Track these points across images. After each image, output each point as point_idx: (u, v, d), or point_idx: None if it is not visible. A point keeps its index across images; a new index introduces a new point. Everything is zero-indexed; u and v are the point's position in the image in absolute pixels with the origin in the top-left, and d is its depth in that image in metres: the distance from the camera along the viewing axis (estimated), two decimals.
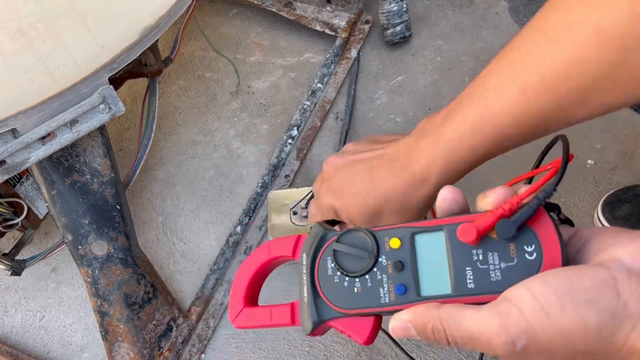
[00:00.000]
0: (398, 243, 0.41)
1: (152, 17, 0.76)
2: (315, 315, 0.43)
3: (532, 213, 0.37)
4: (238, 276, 0.48)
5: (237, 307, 0.47)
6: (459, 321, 0.36)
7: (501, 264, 0.37)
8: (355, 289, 0.41)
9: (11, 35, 0.73)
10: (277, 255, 0.47)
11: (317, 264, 0.43)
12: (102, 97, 0.74)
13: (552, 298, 0.33)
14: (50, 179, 0.87)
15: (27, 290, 1.05)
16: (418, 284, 0.40)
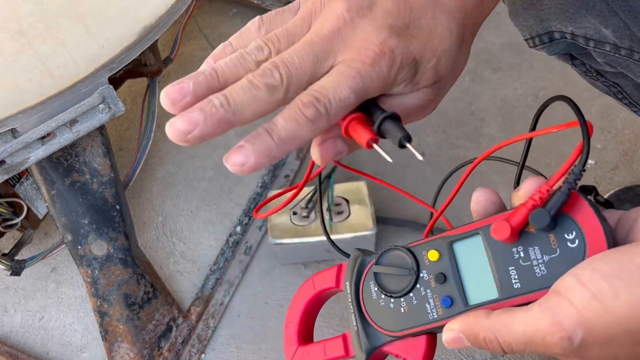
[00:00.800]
0: (436, 255, 0.40)
1: (152, 17, 0.76)
2: (367, 342, 0.42)
3: (565, 198, 0.35)
4: (289, 315, 0.47)
5: (291, 348, 0.46)
6: (511, 326, 0.34)
7: (544, 257, 0.36)
8: (402, 309, 0.40)
9: (11, 35, 0.73)
10: (322, 289, 0.46)
11: (361, 290, 0.42)
12: (102, 97, 0.74)
13: (602, 284, 0.31)
14: (49, 179, 0.86)
15: (27, 290, 1.05)
16: (464, 293, 0.38)
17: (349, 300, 0.43)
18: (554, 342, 0.32)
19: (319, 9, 0.38)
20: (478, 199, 0.39)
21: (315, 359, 0.45)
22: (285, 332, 0.47)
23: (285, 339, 0.46)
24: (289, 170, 1.08)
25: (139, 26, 0.75)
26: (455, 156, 1.09)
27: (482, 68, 1.20)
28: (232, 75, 0.36)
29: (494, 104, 1.16)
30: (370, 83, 0.36)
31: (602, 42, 0.50)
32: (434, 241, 0.40)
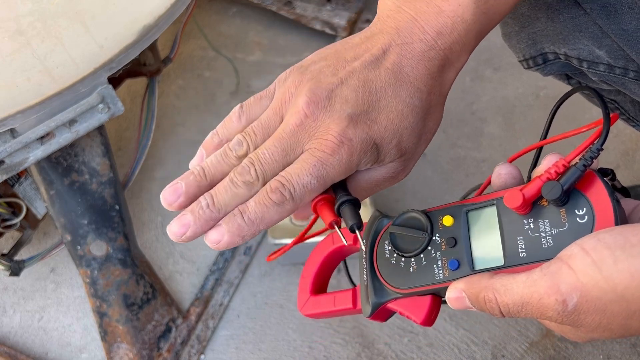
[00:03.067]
0: (451, 220, 0.41)
1: (151, 16, 0.75)
2: (374, 297, 0.43)
3: (579, 175, 0.36)
4: (305, 268, 0.49)
5: (304, 297, 0.48)
6: (510, 287, 0.35)
7: (552, 230, 0.37)
8: (411, 268, 0.42)
9: (9, 34, 0.72)
10: (341, 245, 0.47)
11: (376, 248, 0.44)
12: (101, 96, 0.74)
13: (604, 252, 0.32)
14: (49, 179, 0.86)
15: (26, 291, 1.04)
16: (471, 258, 0.40)
17: (364, 256, 0.44)
18: (549, 304, 0.33)
19: (288, 101, 0.41)
20: (499, 172, 0.41)
21: (324, 308, 0.46)
22: (301, 282, 0.48)
23: (299, 288, 0.48)
24: None
25: (138, 26, 0.75)
26: (456, 156, 1.09)
27: (483, 67, 1.20)
28: (217, 172, 0.41)
29: (495, 104, 1.15)
30: (331, 169, 0.39)
31: (596, 63, 0.50)
32: (451, 208, 0.42)
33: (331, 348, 0.92)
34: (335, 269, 0.50)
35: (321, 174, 0.39)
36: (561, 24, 0.50)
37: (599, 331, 0.34)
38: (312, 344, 0.93)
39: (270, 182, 0.39)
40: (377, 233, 0.45)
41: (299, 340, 0.94)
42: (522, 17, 0.53)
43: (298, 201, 0.39)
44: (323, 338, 0.94)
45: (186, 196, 0.41)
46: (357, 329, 0.93)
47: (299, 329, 0.95)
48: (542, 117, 1.14)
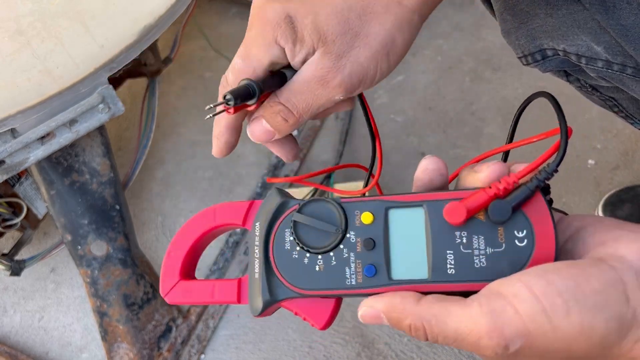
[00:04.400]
0: (370, 218, 0.36)
1: (152, 17, 0.76)
2: (268, 294, 0.37)
3: (529, 195, 0.33)
4: (175, 243, 0.41)
5: (171, 280, 0.41)
6: (443, 319, 0.32)
7: (487, 249, 0.34)
8: (317, 267, 0.37)
9: (9, 34, 0.72)
10: (224, 223, 0.41)
11: (273, 236, 0.38)
12: (102, 96, 0.74)
13: (557, 300, 0.30)
14: (49, 179, 0.86)
15: (26, 291, 1.05)
16: (390, 266, 0.35)
17: (255, 243, 0.38)
18: (488, 345, 0.31)
19: None
20: (427, 167, 0.37)
21: (199, 298, 0.40)
22: (167, 261, 0.41)
23: (165, 269, 0.41)
24: (289, 170, 1.08)
25: (138, 26, 0.75)
26: (455, 156, 1.09)
27: (482, 68, 1.20)
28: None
29: (495, 104, 1.15)
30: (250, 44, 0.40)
31: (594, 59, 0.50)
32: (371, 202, 0.37)
33: (331, 348, 0.92)
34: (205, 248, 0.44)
35: (242, 52, 0.40)
36: (560, 20, 0.50)
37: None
38: (312, 344, 0.93)
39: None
40: (277, 218, 0.38)
41: (299, 340, 0.94)
42: (521, 13, 0.53)
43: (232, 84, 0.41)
44: (323, 338, 0.94)
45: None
46: (357, 329, 0.93)
47: (299, 329, 0.95)
48: (542, 117, 1.14)
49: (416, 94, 1.16)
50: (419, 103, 1.15)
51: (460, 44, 1.22)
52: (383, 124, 1.12)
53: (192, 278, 0.42)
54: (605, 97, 0.57)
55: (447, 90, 1.17)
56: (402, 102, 1.15)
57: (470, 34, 1.23)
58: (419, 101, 1.15)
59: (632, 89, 0.50)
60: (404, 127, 1.12)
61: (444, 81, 1.18)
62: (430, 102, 1.15)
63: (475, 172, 0.35)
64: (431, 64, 1.20)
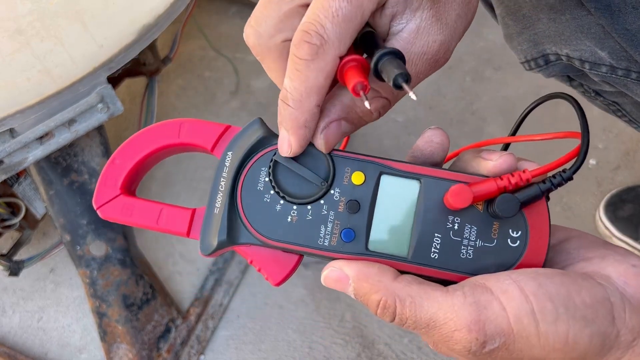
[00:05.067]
0: (361, 179, 0.33)
1: (151, 16, 0.75)
2: (225, 234, 0.33)
3: (538, 197, 0.31)
4: (123, 151, 0.36)
5: (109, 192, 0.35)
6: (420, 302, 0.30)
7: (477, 241, 0.32)
8: (289, 217, 0.33)
9: (9, 34, 0.72)
10: (189, 142, 0.35)
11: (246, 172, 0.34)
12: (101, 96, 0.74)
13: (547, 305, 0.28)
14: (48, 179, 0.86)
15: (25, 291, 1.04)
16: (369, 235, 0.33)
17: (223, 174, 0.34)
18: (463, 339, 0.29)
19: None
20: (431, 139, 0.34)
21: (139, 220, 0.35)
22: (109, 169, 0.36)
23: (104, 178, 0.36)
24: None
25: (137, 25, 0.75)
26: None
27: (483, 67, 1.20)
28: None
29: (495, 103, 1.15)
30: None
31: (598, 64, 0.49)
32: (365, 162, 0.34)
33: (331, 348, 0.92)
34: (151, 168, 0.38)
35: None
36: (563, 25, 0.50)
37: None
38: (312, 344, 0.93)
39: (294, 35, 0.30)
40: (254, 152, 0.34)
41: (299, 340, 0.94)
42: (524, 18, 0.53)
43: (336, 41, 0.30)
44: (323, 338, 0.93)
45: None
46: (357, 329, 0.93)
47: (299, 329, 0.95)
48: (543, 117, 1.13)
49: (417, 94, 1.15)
50: (419, 102, 1.14)
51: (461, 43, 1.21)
52: (383, 124, 1.12)
53: (132, 195, 0.36)
54: (609, 102, 0.57)
55: (447, 90, 1.17)
56: (403, 101, 1.15)
57: (471, 33, 1.22)
58: (419, 101, 1.15)
59: (636, 94, 0.50)
60: (405, 126, 1.12)
61: (445, 80, 1.18)
62: (431, 102, 1.15)
63: (482, 158, 0.33)
64: None
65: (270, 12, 0.31)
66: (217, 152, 0.35)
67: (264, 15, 0.32)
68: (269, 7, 0.31)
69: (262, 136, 0.34)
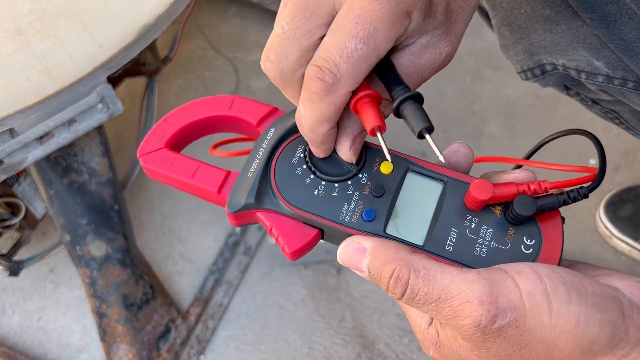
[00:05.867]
0: (389, 169, 0.36)
1: (151, 16, 0.75)
2: (254, 197, 0.35)
3: (555, 207, 0.33)
4: (177, 113, 0.38)
5: (155, 144, 0.38)
6: (434, 273, 0.30)
7: (492, 242, 0.33)
8: (316, 191, 0.35)
9: (8, 34, 0.72)
10: (238, 116, 0.38)
11: (284, 147, 0.37)
12: (101, 96, 0.74)
13: (560, 287, 0.29)
14: (48, 179, 0.86)
15: (25, 291, 1.04)
16: (389, 219, 0.34)
17: (262, 145, 0.37)
18: (473, 312, 0.29)
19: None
20: (459, 150, 0.36)
21: (176, 172, 0.37)
22: (160, 125, 0.38)
23: (153, 132, 0.38)
24: None
25: (137, 25, 0.74)
26: None
27: (484, 67, 1.20)
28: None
29: (496, 104, 1.15)
30: (379, 23, 0.29)
31: (595, 74, 0.50)
32: (397, 157, 0.36)
33: (331, 348, 0.92)
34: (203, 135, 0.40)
35: (367, 32, 0.29)
36: (559, 35, 0.50)
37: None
38: (312, 345, 0.93)
39: (308, 68, 0.31)
40: (295, 132, 0.37)
41: (299, 340, 0.94)
42: (520, 29, 0.53)
43: (349, 80, 0.30)
44: (323, 338, 0.93)
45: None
46: (357, 329, 0.93)
47: (299, 329, 0.95)
48: (543, 117, 1.13)
49: None
50: None
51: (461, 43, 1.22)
52: None
53: (176, 151, 0.39)
54: (606, 110, 0.57)
55: (447, 90, 1.17)
56: None
57: (471, 33, 1.22)
58: None
59: (634, 102, 0.50)
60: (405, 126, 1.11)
61: (445, 80, 1.18)
62: (431, 102, 1.15)
63: (508, 173, 0.35)
64: None
65: (290, 48, 0.32)
66: (261, 128, 0.38)
67: (284, 52, 0.32)
68: (288, 42, 0.32)
69: None
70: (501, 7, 0.53)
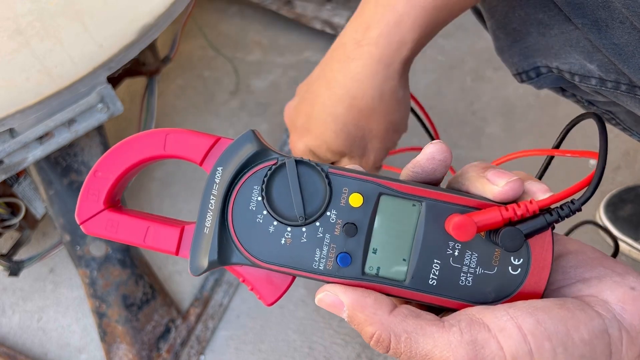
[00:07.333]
0: (359, 201, 0.32)
1: (151, 16, 0.75)
2: (216, 254, 0.32)
3: (544, 228, 0.31)
4: (105, 163, 0.34)
5: (93, 206, 0.34)
6: (415, 338, 0.29)
7: (478, 268, 0.31)
8: (283, 239, 0.32)
9: (8, 33, 0.72)
10: (176, 155, 0.34)
11: (237, 191, 0.33)
12: (100, 96, 0.73)
13: (545, 344, 0.28)
14: (48, 179, 0.86)
15: (25, 291, 1.04)
16: (366, 259, 0.32)
17: (213, 192, 0.33)
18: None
19: None
20: (434, 156, 0.33)
21: (126, 237, 0.34)
22: (92, 182, 0.34)
23: (86, 191, 0.34)
24: None
25: (137, 25, 0.74)
26: (456, 156, 1.09)
27: (484, 67, 1.20)
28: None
29: (496, 104, 1.15)
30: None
31: (588, 77, 0.50)
32: (364, 182, 0.32)
33: (331, 349, 0.92)
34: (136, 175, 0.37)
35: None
36: (552, 39, 0.50)
37: None
38: (312, 345, 0.93)
39: None
40: (246, 168, 0.33)
41: (299, 340, 0.94)
42: (514, 32, 0.53)
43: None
44: (323, 338, 0.93)
45: None
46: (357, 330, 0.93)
47: (299, 329, 0.95)
48: (543, 117, 1.13)
49: (417, 94, 1.15)
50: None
51: (461, 44, 1.22)
52: None
53: (117, 208, 0.35)
54: (603, 111, 0.58)
55: (448, 90, 1.17)
56: None
57: (472, 34, 1.22)
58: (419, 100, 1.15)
59: (627, 104, 0.50)
60: None
61: (445, 81, 1.17)
62: (431, 102, 1.15)
63: (487, 180, 0.32)
64: (432, 64, 1.19)
65: None
66: (207, 167, 0.34)
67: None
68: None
69: (255, 151, 0.33)
70: (496, 11, 0.54)
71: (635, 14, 0.41)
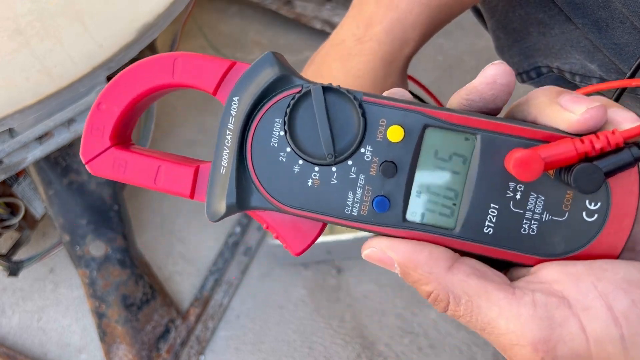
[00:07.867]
0: (400, 134, 0.27)
1: (151, 15, 0.75)
2: (234, 197, 0.28)
3: (629, 165, 0.24)
4: (110, 94, 0.29)
5: (98, 143, 0.30)
6: (478, 303, 0.25)
7: (544, 214, 0.26)
8: (309, 180, 0.28)
9: (8, 33, 0.72)
10: (186, 83, 0.29)
11: (256, 124, 0.28)
12: None
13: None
14: (47, 179, 0.86)
15: (25, 291, 1.04)
16: (408, 203, 0.27)
17: (229, 126, 0.28)
18: (524, 357, 0.24)
19: None
20: (495, 80, 0.28)
21: (135, 178, 0.30)
22: (95, 115, 0.30)
23: (90, 126, 0.30)
24: None
25: (137, 25, 0.74)
26: None
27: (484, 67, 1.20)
28: None
29: None
30: None
31: (589, 77, 0.50)
32: (406, 112, 0.27)
33: (331, 349, 0.92)
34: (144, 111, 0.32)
35: None
36: (553, 39, 0.50)
37: None
38: (312, 345, 0.93)
39: None
40: (266, 97, 0.28)
41: (299, 340, 0.94)
42: (514, 32, 0.53)
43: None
44: (323, 338, 0.93)
45: None
46: (357, 330, 0.93)
47: (299, 329, 0.94)
48: None
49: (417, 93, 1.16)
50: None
51: (461, 43, 1.22)
52: None
53: (126, 146, 0.31)
54: None
55: (448, 90, 1.17)
56: None
57: (471, 33, 1.22)
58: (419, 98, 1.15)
59: (628, 104, 0.50)
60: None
61: (445, 80, 1.17)
62: (431, 102, 1.15)
63: (562, 107, 0.25)
64: (432, 63, 1.19)
65: None
66: (222, 96, 0.29)
67: None
68: None
69: (275, 77, 0.28)
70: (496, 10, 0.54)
71: (635, 14, 0.41)
